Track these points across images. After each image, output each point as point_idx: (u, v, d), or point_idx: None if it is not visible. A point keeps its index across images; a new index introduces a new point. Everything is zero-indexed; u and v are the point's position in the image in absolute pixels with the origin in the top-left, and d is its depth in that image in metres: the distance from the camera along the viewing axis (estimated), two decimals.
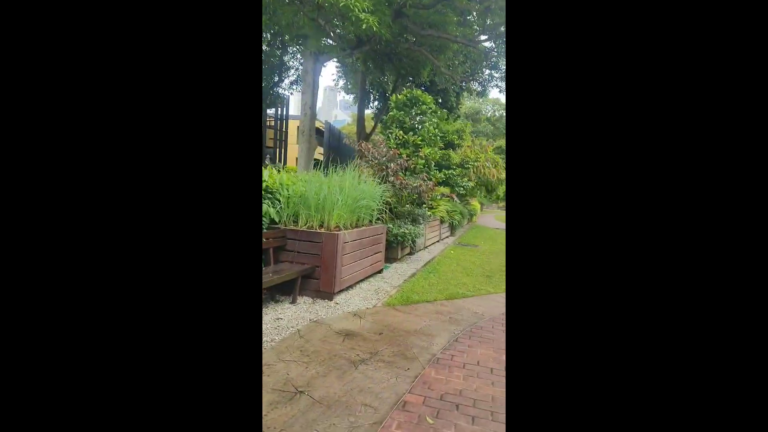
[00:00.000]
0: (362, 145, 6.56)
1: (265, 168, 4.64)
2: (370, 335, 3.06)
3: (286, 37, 10.50)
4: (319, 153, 17.24)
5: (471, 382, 2.40)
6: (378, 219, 5.53)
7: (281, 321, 3.23)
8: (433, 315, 3.68)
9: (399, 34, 10.41)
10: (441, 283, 5.00)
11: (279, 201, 4.20)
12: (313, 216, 4.17)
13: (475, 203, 17.33)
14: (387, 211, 6.08)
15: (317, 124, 18.37)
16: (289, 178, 4.55)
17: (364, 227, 4.69)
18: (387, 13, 8.05)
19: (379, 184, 5.55)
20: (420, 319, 3.51)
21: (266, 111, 15.69)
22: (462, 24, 11.09)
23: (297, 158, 10.34)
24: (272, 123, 18.48)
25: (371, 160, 6.32)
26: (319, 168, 5.14)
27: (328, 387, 2.20)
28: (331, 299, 3.91)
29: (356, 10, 6.37)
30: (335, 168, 5.02)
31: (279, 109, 16.00)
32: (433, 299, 4.21)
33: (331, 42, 10.13)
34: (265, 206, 4.01)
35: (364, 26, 6.61)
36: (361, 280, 4.73)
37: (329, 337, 2.95)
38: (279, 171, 5.17)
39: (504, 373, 2.55)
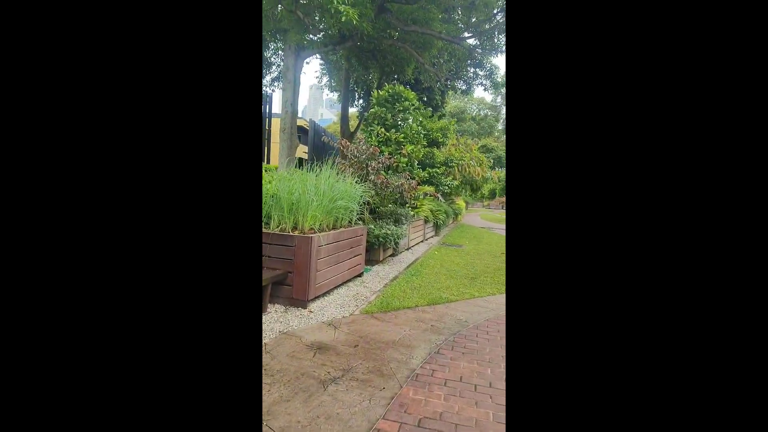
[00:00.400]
0: (342, 142, 6.28)
1: None
2: (345, 348, 2.81)
3: (268, 32, 10.14)
4: (303, 152, 16.90)
5: (453, 403, 2.17)
6: (359, 220, 5.28)
7: None
8: (414, 323, 3.45)
9: (382, 30, 10.16)
10: (423, 286, 4.78)
11: None
12: (286, 218, 3.89)
13: (460, 202, 17.23)
14: (368, 211, 5.83)
15: (301, 123, 18.02)
16: (263, 177, 4.26)
17: (342, 229, 4.43)
18: (369, 6, 7.79)
19: (359, 183, 5.29)
20: (399, 329, 3.28)
21: None
22: (446, 21, 10.91)
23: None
24: None
25: (351, 159, 6.06)
26: (298, 166, 4.86)
27: (290, 414, 1.94)
28: (305, 307, 3.64)
29: (335, 1, 6.09)
30: (311, 166, 4.75)
31: (263, 106, 15.58)
32: (414, 305, 3.98)
33: (313, 37, 9.82)
34: None
35: (344, 19, 6.34)
36: (339, 285, 4.48)
37: (299, 352, 2.69)
38: None
39: (489, 392, 2.33)
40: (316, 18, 8.34)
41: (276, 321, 3.27)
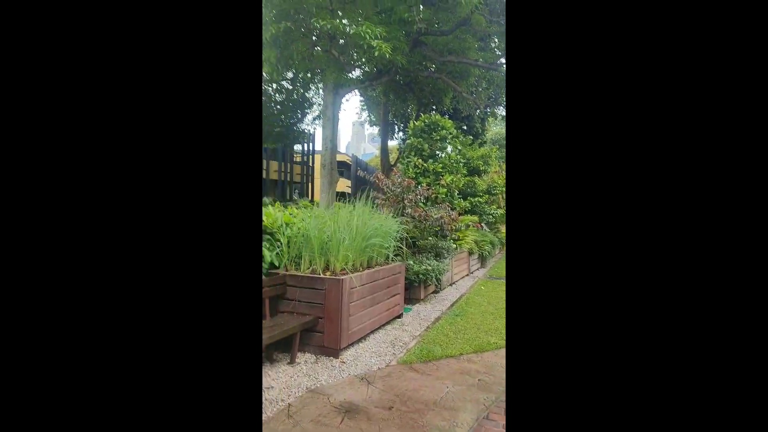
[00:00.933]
0: (377, 176, 6.12)
1: (294, 203, 4.26)
2: (378, 411, 2.45)
3: (307, 74, 10.51)
4: (346, 186, 17.15)
5: None
6: (396, 255, 4.98)
7: (271, 391, 2.68)
8: (458, 376, 3.02)
9: (418, 63, 10.19)
10: (469, 329, 4.32)
11: (279, 242, 3.75)
12: (317, 258, 3.68)
13: None
14: (406, 246, 5.52)
15: (343, 158, 18.37)
16: (297, 214, 4.12)
17: (377, 267, 4.15)
18: (403, 40, 7.82)
19: (395, 217, 5.03)
20: (441, 384, 2.87)
21: (292, 147, 15.83)
22: (483, 49, 10.78)
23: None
24: (299, 158, 18.73)
25: (387, 192, 5.85)
26: (339, 200, 4.71)
27: None
28: (336, 356, 3.34)
29: (367, 37, 6.12)
30: (351, 200, 4.57)
31: (306, 144, 16.12)
32: (459, 353, 3.54)
33: (350, 74, 10.03)
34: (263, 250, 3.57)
35: (377, 53, 6.33)
36: (376, 329, 4.14)
37: (325, 416, 2.37)
38: (286, 206, 4.78)
39: None
40: (354, 55, 8.51)
41: (304, 375, 2.98)
